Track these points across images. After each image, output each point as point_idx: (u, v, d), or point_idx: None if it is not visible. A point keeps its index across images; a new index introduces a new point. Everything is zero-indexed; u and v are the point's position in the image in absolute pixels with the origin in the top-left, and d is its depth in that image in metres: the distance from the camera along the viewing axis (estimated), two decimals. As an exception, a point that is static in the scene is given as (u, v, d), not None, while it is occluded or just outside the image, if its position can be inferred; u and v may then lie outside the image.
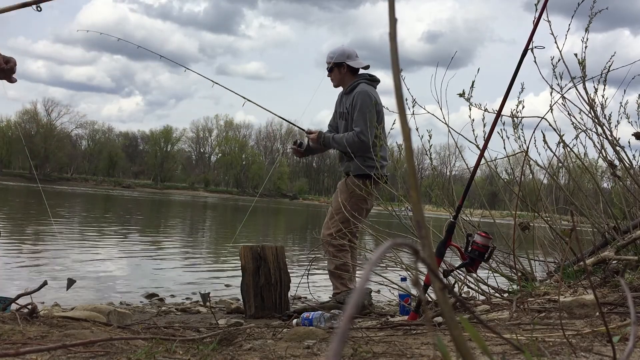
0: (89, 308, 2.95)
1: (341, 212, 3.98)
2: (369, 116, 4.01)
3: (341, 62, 4.19)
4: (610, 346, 1.24)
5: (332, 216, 4.10)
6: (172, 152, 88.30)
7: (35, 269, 6.31)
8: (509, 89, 2.50)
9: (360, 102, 4.04)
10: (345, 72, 4.19)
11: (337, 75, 4.21)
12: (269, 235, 14.86)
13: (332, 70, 4.22)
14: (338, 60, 4.19)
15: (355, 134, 4.03)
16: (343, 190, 4.12)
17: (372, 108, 4.03)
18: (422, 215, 0.49)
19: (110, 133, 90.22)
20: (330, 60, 4.22)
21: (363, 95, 4.05)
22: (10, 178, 62.22)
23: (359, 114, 4.03)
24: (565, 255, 3.05)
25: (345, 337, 0.37)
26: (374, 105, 4.04)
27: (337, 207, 4.07)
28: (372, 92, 4.09)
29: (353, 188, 4.01)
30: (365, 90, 4.08)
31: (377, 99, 4.10)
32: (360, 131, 4.00)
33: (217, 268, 7.72)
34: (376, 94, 4.17)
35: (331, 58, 4.21)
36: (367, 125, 3.99)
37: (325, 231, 4.10)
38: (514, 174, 3.55)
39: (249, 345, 1.79)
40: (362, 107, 4.03)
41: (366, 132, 3.99)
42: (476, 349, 1.25)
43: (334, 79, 4.24)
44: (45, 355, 1.45)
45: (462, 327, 0.53)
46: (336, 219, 4.03)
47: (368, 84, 4.16)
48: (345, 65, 4.18)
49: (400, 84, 0.49)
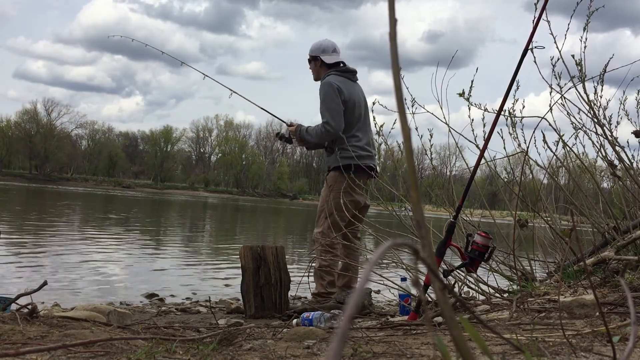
0: (89, 308, 2.95)
1: (324, 207, 4.04)
2: (334, 106, 4.00)
3: (316, 56, 4.23)
4: (610, 346, 1.24)
5: (318, 214, 4.14)
6: (172, 152, 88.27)
7: (35, 269, 6.31)
8: (509, 89, 2.50)
9: (323, 93, 4.06)
10: (320, 66, 4.22)
11: (313, 68, 4.27)
12: (269, 235, 14.85)
13: (310, 63, 4.29)
14: (313, 54, 4.25)
15: (321, 125, 4.05)
16: (325, 186, 4.19)
17: (335, 97, 4.00)
18: (422, 215, 0.49)
19: (110, 133, 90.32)
20: (310, 53, 4.28)
21: (324, 86, 4.07)
22: (11, 178, 62.24)
23: (322, 105, 4.05)
24: (565, 255, 3.05)
25: (345, 337, 0.37)
26: (337, 93, 4.01)
27: (321, 203, 4.13)
28: (335, 82, 4.06)
29: (332, 182, 4.05)
30: (326, 81, 4.08)
31: (342, 88, 4.04)
32: (326, 121, 4.01)
33: (217, 268, 7.72)
34: (348, 84, 4.13)
35: (311, 51, 4.28)
36: (333, 115, 3.99)
37: (316, 229, 4.14)
38: (514, 174, 3.55)
39: (249, 345, 1.79)
40: (324, 98, 4.04)
41: (332, 121, 3.99)
42: (476, 349, 1.25)
43: (313, 72, 4.29)
44: (45, 355, 1.45)
45: (462, 327, 0.53)
46: (322, 216, 4.07)
47: (338, 75, 4.14)
48: (319, 59, 4.22)
49: (400, 84, 0.49)
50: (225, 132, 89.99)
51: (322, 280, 4.03)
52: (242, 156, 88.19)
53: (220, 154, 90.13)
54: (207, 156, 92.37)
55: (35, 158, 75.33)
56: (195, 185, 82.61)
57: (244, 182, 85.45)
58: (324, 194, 4.13)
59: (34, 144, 74.54)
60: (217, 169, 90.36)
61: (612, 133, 3.14)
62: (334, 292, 4.02)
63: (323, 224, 4.03)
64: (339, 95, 4.02)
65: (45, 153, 74.68)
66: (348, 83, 4.15)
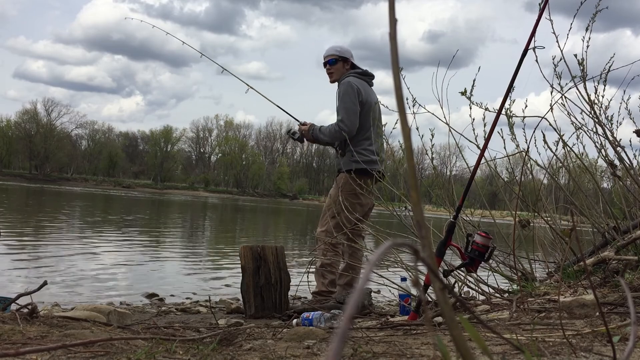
0: (89, 308, 2.95)
1: (331, 208, 4.04)
2: (351, 105, 4.00)
3: (347, 57, 4.22)
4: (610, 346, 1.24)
5: (324, 213, 4.14)
6: (172, 152, 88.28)
7: (35, 269, 6.31)
8: (509, 89, 2.50)
9: (342, 91, 4.06)
10: (347, 69, 4.22)
11: (341, 68, 4.22)
12: (269, 235, 14.85)
13: (336, 63, 4.22)
14: (344, 55, 4.23)
15: (336, 123, 4.06)
16: (334, 186, 4.18)
17: (354, 97, 4.02)
18: (422, 215, 0.49)
19: (110, 133, 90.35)
20: (336, 53, 4.24)
21: (345, 85, 4.07)
22: (11, 178, 62.24)
23: (340, 103, 4.05)
24: (565, 255, 3.04)
25: (345, 337, 0.37)
26: (356, 94, 4.02)
27: (328, 203, 4.14)
28: (355, 83, 4.08)
29: (342, 184, 4.05)
30: (347, 80, 4.09)
31: (360, 90, 4.06)
32: (341, 119, 4.02)
33: (217, 268, 7.72)
34: (366, 87, 4.15)
35: (337, 51, 4.24)
36: (349, 114, 3.99)
37: (319, 228, 4.15)
38: (514, 174, 3.55)
39: (249, 345, 1.79)
40: (343, 97, 4.04)
41: (347, 120, 3.99)
42: (476, 349, 1.25)
43: (336, 72, 4.24)
44: (45, 355, 1.45)
45: (462, 327, 0.53)
46: (327, 215, 4.07)
47: (358, 77, 4.16)
48: (349, 61, 4.23)
49: (401, 84, 0.49)
50: (225, 132, 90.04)
51: (324, 279, 4.03)
52: (242, 156, 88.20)
53: (220, 154, 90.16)
54: (207, 156, 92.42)
55: (35, 158, 75.34)
56: (195, 185, 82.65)
57: (244, 182, 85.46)
58: (333, 193, 4.12)
59: (34, 144, 74.56)
60: (217, 169, 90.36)
61: (612, 133, 3.14)
62: (334, 291, 4.02)
63: (328, 223, 4.04)
64: (357, 96, 4.03)
65: (45, 153, 74.69)
66: (366, 86, 4.18)
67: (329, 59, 4.24)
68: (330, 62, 4.23)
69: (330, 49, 4.27)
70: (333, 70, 4.24)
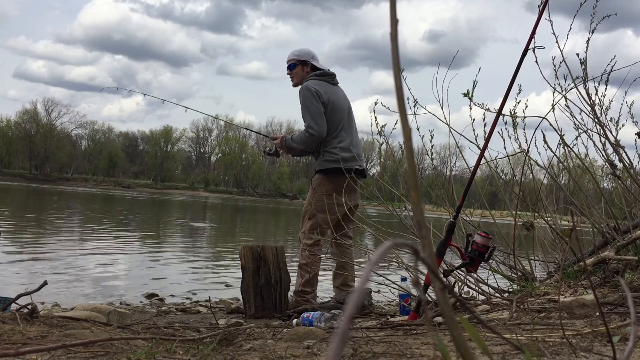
0: (89, 308, 2.95)
1: (308, 209, 4.11)
2: (313, 108, 4.01)
3: (306, 61, 4.22)
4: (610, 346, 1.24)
5: (303, 215, 4.20)
6: (172, 152, 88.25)
7: (35, 269, 6.31)
8: (509, 89, 2.50)
9: (302, 98, 4.07)
10: (308, 72, 4.21)
11: (301, 72, 4.23)
12: (269, 235, 14.85)
13: (294, 68, 4.23)
14: (303, 58, 4.23)
15: (304, 130, 4.08)
16: (310, 187, 4.25)
17: (314, 100, 4.02)
18: (422, 216, 0.49)
19: (110, 133, 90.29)
20: (294, 57, 4.24)
21: (303, 90, 4.08)
22: (11, 178, 62.24)
23: (304, 110, 4.06)
24: (565, 255, 3.05)
25: (345, 337, 0.37)
26: (315, 96, 4.02)
27: (305, 204, 4.20)
28: (313, 86, 4.07)
29: (316, 184, 4.11)
30: (305, 85, 4.10)
31: (320, 91, 4.04)
32: (308, 125, 4.03)
33: (217, 268, 7.72)
34: (327, 87, 4.13)
35: (296, 55, 4.25)
36: (315, 118, 4.00)
37: (300, 230, 4.21)
38: (514, 174, 3.55)
39: (249, 345, 1.79)
40: (304, 102, 4.06)
41: (314, 124, 4.01)
42: (476, 349, 1.25)
43: (296, 76, 4.24)
44: (45, 355, 1.45)
45: (462, 327, 0.53)
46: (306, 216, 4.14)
47: (317, 79, 4.15)
48: (309, 64, 4.22)
49: (402, 84, 0.49)
50: (225, 132, 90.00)
51: (300, 278, 4.08)
52: (242, 156, 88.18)
53: (220, 154, 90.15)
54: (207, 156, 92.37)
55: (35, 158, 75.31)
56: (195, 185, 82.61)
57: (244, 182, 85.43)
58: (308, 195, 4.21)
59: (34, 144, 74.54)
60: (217, 169, 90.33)
61: (612, 133, 3.14)
62: (307, 290, 4.05)
63: (305, 225, 4.11)
64: (317, 98, 4.03)
65: (45, 153, 74.66)
66: (327, 86, 4.16)
67: (288, 64, 4.27)
68: (290, 66, 4.26)
69: (290, 54, 4.29)
70: (293, 75, 4.26)
